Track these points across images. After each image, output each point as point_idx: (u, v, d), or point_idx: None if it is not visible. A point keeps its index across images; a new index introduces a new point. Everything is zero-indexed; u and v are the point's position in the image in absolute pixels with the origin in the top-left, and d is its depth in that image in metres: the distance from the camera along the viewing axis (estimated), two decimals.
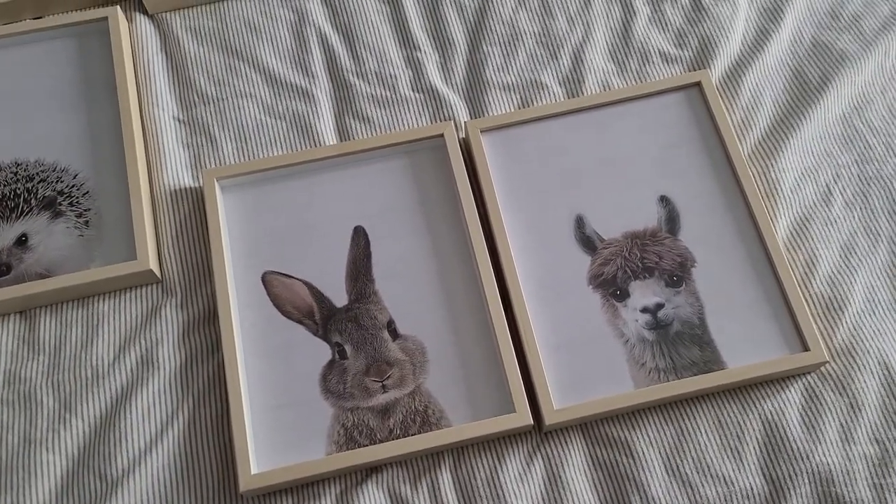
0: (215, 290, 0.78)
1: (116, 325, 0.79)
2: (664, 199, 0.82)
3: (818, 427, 0.73)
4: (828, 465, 0.72)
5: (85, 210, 0.82)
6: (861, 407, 0.74)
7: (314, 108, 0.89)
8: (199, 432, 0.74)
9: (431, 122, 0.89)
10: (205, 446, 0.74)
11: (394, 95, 0.90)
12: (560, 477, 0.73)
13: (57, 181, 0.83)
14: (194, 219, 0.84)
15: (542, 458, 0.73)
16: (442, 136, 0.85)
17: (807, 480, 0.71)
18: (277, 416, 0.74)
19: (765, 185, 0.84)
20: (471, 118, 0.89)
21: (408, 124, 0.89)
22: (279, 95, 0.90)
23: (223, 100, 0.90)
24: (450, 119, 0.89)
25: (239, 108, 0.89)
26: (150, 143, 0.87)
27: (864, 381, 0.75)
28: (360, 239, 0.82)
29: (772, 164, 0.85)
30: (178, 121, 0.89)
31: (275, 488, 0.72)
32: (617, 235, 0.81)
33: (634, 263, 0.79)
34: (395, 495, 0.72)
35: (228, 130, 0.88)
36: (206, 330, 0.79)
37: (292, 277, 0.80)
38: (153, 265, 0.80)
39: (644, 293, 0.78)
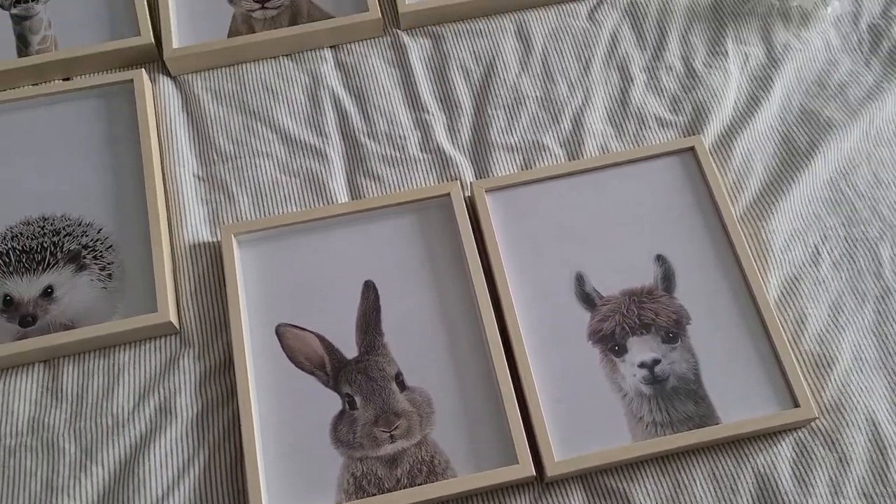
0: (231, 341, 0.81)
1: (136, 374, 0.82)
2: (660, 258, 0.86)
3: (809, 481, 0.76)
4: None
5: (108, 263, 0.86)
6: (850, 462, 0.77)
7: (327, 167, 0.94)
8: (215, 479, 0.77)
9: (439, 182, 0.93)
10: (220, 493, 0.77)
11: (403, 155, 0.95)
12: None
13: (82, 235, 0.87)
14: (212, 272, 0.88)
15: None
16: (448, 195, 0.89)
17: None
18: (289, 464, 0.77)
19: (756, 245, 0.88)
20: (476, 178, 0.93)
21: (416, 183, 0.93)
22: (294, 154, 0.95)
23: (241, 157, 0.94)
24: (456, 179, 0.93)
25: (256, 167, 0.94)
26: (171, 199, 0.92)
27: (853, 437, 0.78)
28: (370, 293, 0.86)
29: (762, 226, 0.89)
30: (198, 178, 0.94)
31: None
32: (615, 293, 0.85)
33: (632, 320, 0.83)
34: None
35: (245, 187, 0.93)
36: (222, 380, 0.82)
37: (305, 330, 0.84)
38: (172, 317, 0.83)
39: (641, 349, 0.81)
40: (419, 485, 0.76)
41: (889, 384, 0.81)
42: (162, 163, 0.94)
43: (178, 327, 0.84)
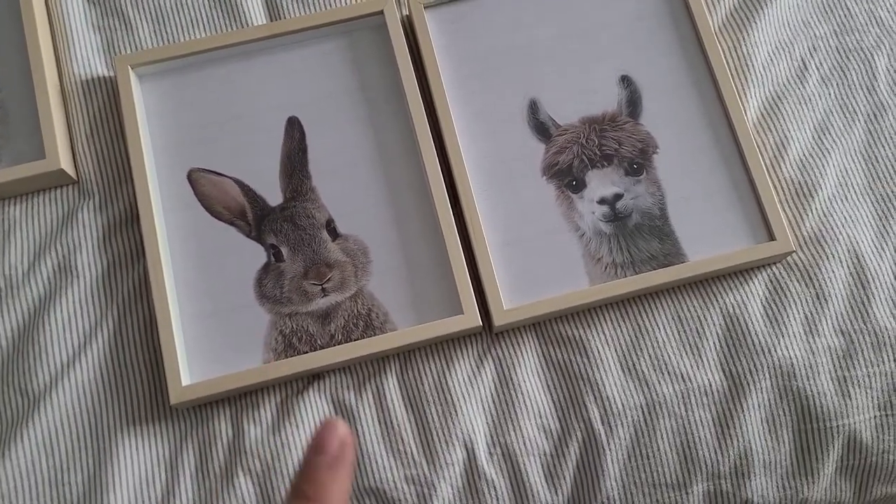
0: (135, 190, 0.71)
1: (30, 230, 0.72)
2: (625, 80, 0.75)
3: (781, 320, 0.70)
4: (790, 358, 0.68)
5: None
6: (827, 298, 0.70)
7: None
8: (127, 343, 0.70)
9: None
10: (133, 358, 0.69)
11: None
12: (511, 379, 0.69)
13: None
14: (111, 112, 0.76)
15: (493, 361, 0.70)
16: (382, 13, 0.76)
17: (767, 375, 0.68)
18: (210, 324, 0.70)
19: (735, 60, 0.77)
20: None
21: (344, 0, 0.80)
22: None
23: None
24: None
25: None
26: (56, 27, 0.78)
27: (832, 271, 0.71)
28: (295, 131, 0.75)
29: (744, 37, 0.77)
30: (87, 1, 0.79)
31: (209, 399, 0.68)
32: (573, 120, 0.74)
33: (592, 151, 0.73)
34: (339, 403, 0.69)
35: (144, 11, 0.79)
36: (129, 234, 0.73)
37: (221, 175, 0.73)
38: (65, 164, 0.72)
39: (602, 183, 0.72)
40: (355, 340, 0.69)
41: (876, 211, 0.73)
42: None
43: (74, 176, 0.74)
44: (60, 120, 0.74)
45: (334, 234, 0.72)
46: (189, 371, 0.68)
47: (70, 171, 0.73)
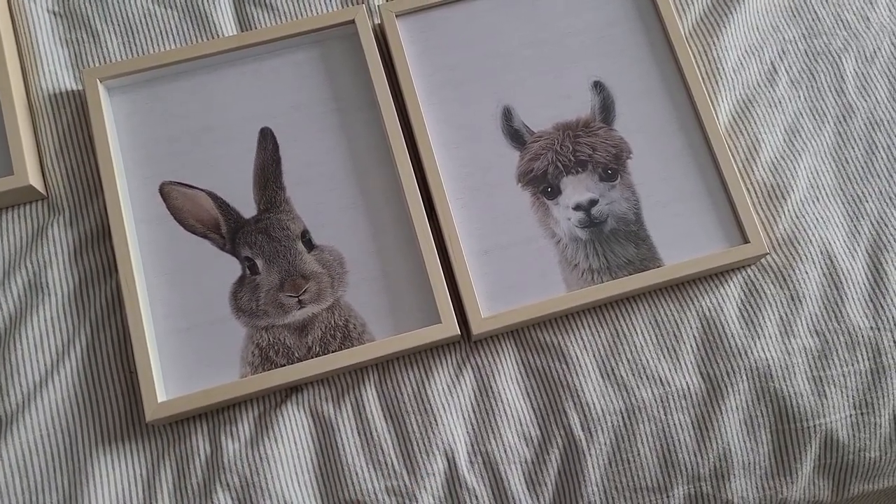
0: (106, 204, 0.70)
1: None
2: (598, 85, 0.75)
3: (757, 322, 0.70)
4: (766, 360, 0.69)
5: None
6: (802, 299, 0.71)
7: None
8: (100, 360, 0.69)
9: (342, 7, 0.80)
10: (107, 375, 0.68)
11: None
12: (491, 387, 0.69)
13: None
14: (80, 126, 0.75)
15: (472, 369, 0.69)
16: (353, 22, 0.76)
17: (745, 377, 0.69)
18: (185, 339, 0.69)
19: (706, 65, 0.77)
20: (386, 0, 0.80)
21: (316, 10, 0.80)
22: None
23: None
24: (362, 2, 0.79)
25: None
26: (22, 40, 0.77)
27: (806, 272, 0.71)
28: (268, 142, 0.74)
29: (714, 42, 0.78)
30: (54, 13, 0.78)
31: (186, 415, 0.67)
32: (547, 127, 0.74)
33: (566, 157, 0.73)
34: (317, 415, 0.68)
35: (112, 23, 0.78)
36: (100, 249, 0.72)
37: (194, 188, 0.73)
38: (34, 180, 0.71)
39: (577, 189, 0.72)
40: (333, 352, 0.68)
41: (847, 212, 0.74)
42: None
43: (43, 192, 0.73)
44: (28, 135, 0.73)
45: (310, 245, 0.71)
46: (164, 387, 0.67)
47: (39, 186, 0.72)
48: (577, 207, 0.72)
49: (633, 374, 0.69)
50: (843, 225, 0.73)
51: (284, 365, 0.68)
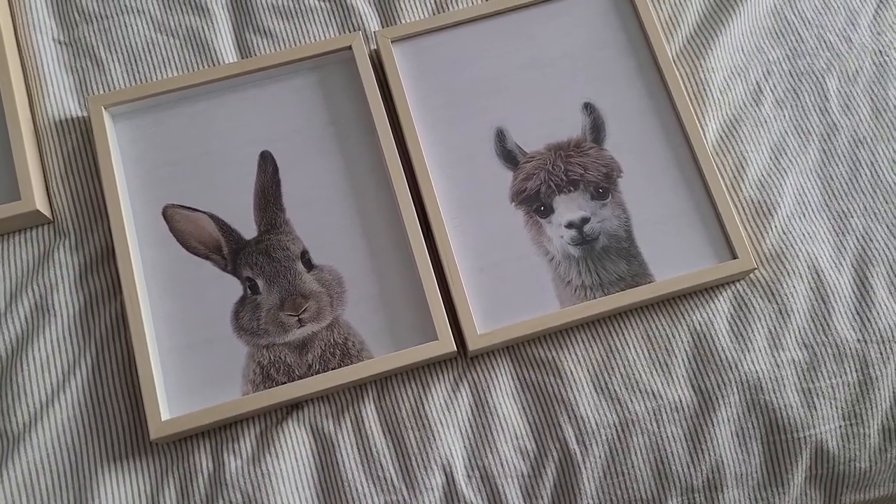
0: (111, 227, 0.72)
1: (6, 271, 0.73)
2: (588, 107, 0.77)
3: (746, 336, 0.72)
4: (756, 373, 0.71)
5: None
6: (790, 313, 0.72)
7: (211, 23, 0.82)
8: (105, 380, 0.70)
9: (339, 34, 0.82)
10: (112, 394, 0.70)
11: (297, 5, 0.83)
12: (487, 402, 0.70)
13: None
14: (84, 151, 0.77)
15: (469, 385, 0.71)
16: (350, 48, 0.78)
17: (735, 390, 0.70)
18: (187, 357, 0.70)
19: (693, 86, 0.80)
20: (382, 27, 0.82)
21: (314, 37, 0.82)
22: (171, 10, 0.82)
23: (108, 17, 0.81)
24: (359, 29, 0.82)
25: (127, 26, 0.81)
26: (28, 69, 0.79)
27: (793, 286, 0.73)
28: (268, 165, 0.76)
29: (700, 64, 0.80)
30: (60, 42, 0.81)
31: (189, 433, 0.68)
32: (540, 147, 0.76)
33: (558, 176, 0.75)
34: (318, 431, 0.70)
35: (116, 51, 0.81)
36: (105, 271, 0.73)
37: (196, 210, 0.75)
38: (40, 205, 0.73)
39: (569, 207, 0.74)
40: (332, 369, 0.70)
41: (833, 228, 0.75)
42: (14, 27, 0.80)
43: (49, 216, 0.74)
44: (35, 161, 0.75)
45: (309, 265, 0.73)
46: (168, 405, 0.69)
47: (45, 211, 0.74)
48: (570, 225, 0.74)
49: (627, 388, 0.70)
50: (828, 240, 0.75)
51: (285, 382, 0.70)
